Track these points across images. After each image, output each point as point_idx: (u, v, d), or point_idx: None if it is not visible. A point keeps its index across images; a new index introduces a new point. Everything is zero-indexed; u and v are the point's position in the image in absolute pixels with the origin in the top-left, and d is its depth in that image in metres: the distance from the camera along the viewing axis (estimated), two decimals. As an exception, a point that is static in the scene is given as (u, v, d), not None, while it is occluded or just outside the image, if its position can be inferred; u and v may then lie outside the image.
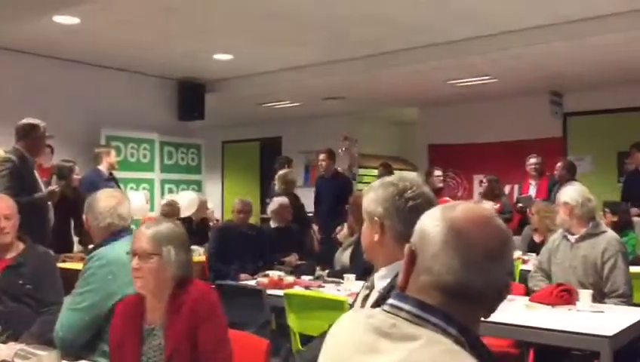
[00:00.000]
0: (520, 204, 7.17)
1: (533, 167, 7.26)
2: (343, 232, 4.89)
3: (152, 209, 6.69)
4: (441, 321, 1.03)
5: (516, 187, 8.97)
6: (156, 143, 7.93)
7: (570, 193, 3.65)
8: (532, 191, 7.17)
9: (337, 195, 6.79)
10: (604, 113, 8.27)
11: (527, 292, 3.83)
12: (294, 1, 5.10)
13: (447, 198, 7.87)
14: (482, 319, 1.11)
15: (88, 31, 5.98)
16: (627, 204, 6.44)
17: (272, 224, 6.05)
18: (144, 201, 6.37)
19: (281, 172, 7.11)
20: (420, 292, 1.08)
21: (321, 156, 7.48)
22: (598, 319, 3.01)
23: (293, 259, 5.71)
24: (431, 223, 1.11)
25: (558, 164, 7.19)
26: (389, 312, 1.08)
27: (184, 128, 8.47)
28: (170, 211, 5.66)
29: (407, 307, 1.06)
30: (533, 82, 7.88)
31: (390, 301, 1.10)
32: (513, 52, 6.41)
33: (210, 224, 7.11)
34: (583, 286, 3.49)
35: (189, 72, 7.86)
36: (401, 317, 1.06)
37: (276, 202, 6.09)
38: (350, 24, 5.71)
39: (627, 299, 3.48)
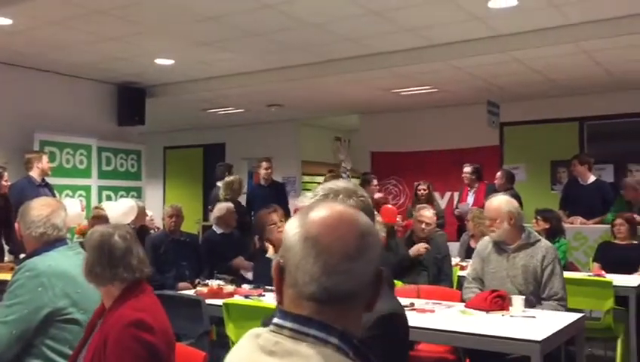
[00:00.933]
0: (458, 210, 7.37)
1: (467, 175, 7.52)
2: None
3: (87, 216, 6.48)
4: (320, 332, 1.03)
5: (456, 194, 9.21)
6: (94, 149, 7.70)
7: (507, 203, 3.72)
8: (470, 199, 7.39)
9: (276, 203, 6.81)
10: (538, 123, 8.60)
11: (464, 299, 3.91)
12: (235, 7, 5.07)
13: (390, 205, 7.98)
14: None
15: (22, 32, 5.76)
16: (565, 211, 6.75)
17: (217, 230, 5.99)
18: (79, 209, 6.17)
19: (227, 178, 7.08)
20: (293, 306, 1.07)
21: (266, 164, 7.53)
22: (529, 324, 3.11)
23: (241, 261, 5.67)
24: (291, 232, 1.10)
25: (498, 173, 7.46)
26: (273, 331, 1.07)
27: (124, 133, 8.26)
28: (96, 221, 5.50)
29: (287, 324, 1.06)
30: (471, 92, 8.11)
31: (274, 319, 1.09)
32: (452, 63, 6.58)
33: (151, 232, 6.96)
34: (522, 294, 3.58)
35: (129, 76, 7.68)
36: (284, 334, 1.05)
37: (223, 208, 6.04)
38: (291, 32, 5.72)
39: (564, 303, 3.63)
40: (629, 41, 5.68)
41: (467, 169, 7.53)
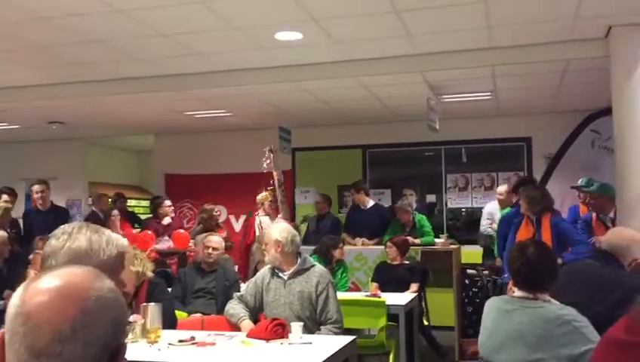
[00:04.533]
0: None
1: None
2: None
3: None
4: None
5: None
6: None
7: (279, 230, 3.84)
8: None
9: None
10: (327, 149, 9.09)
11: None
12: (8, 17, 4.57)
13: (182, 231, 7.72)
14: None
15: None
16: (349, 234, 7.21)
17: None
18: None
19: None
20: None
21: (38, 187, 6.94)
22: (306, 351, 3.20)
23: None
24: (11, 303, 0.99)
25: (319, 198, 7.83)
26: None
27: None
28: None
29: None
30: (264, 118, 8.30)
31: None
32: (244, 89, 6.67)
33: None
34: (300, 319, 3.69)
35: None
36: None
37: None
38: (74, 47, 5.32)
39: (340, 325, 3.82)
40: (401, 78, 6.28)
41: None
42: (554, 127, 8.18)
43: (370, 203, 7.45)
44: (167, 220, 7.34)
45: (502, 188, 7.14)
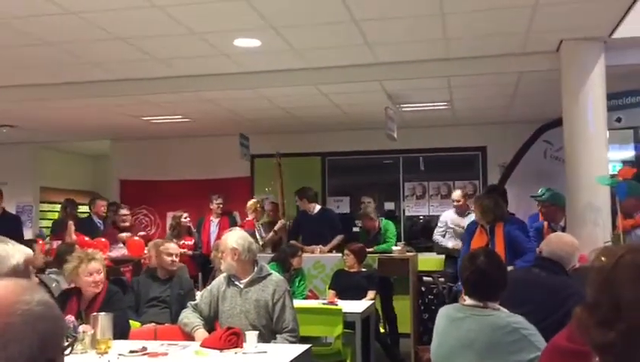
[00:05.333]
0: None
1: (219, 205, 7.68)
2: None
3: None
4: None
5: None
6: None
7: (236, 238, 3.79)
8: (214, 229, 7.52)
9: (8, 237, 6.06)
10: (286, 156, 9.04)
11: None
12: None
13: (137, 238, 7.57)
14: None
15: None
16: (297, 239, 7.20)
17: None
18: None
19: None
20: None
21: None
22: (260, 360, 3.17)
23: None
24: None
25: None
26: None
27: None
28: None
29: None
30: (223, 124, 8.23)
31: None
32: (202, 95, 6.60)
33: None
34: (256, 328, 3.65)
35: None
36: None
37: None
38: (24, 49, 5.19)
39: (296, 334, 3.78)
40: (360, 87, 6.32)
41: (221, 200, 7.83)
42: (508, 137, 8.36)
43: (317, 208, 7.50)
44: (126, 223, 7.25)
45: (457, 194, 7.22)
